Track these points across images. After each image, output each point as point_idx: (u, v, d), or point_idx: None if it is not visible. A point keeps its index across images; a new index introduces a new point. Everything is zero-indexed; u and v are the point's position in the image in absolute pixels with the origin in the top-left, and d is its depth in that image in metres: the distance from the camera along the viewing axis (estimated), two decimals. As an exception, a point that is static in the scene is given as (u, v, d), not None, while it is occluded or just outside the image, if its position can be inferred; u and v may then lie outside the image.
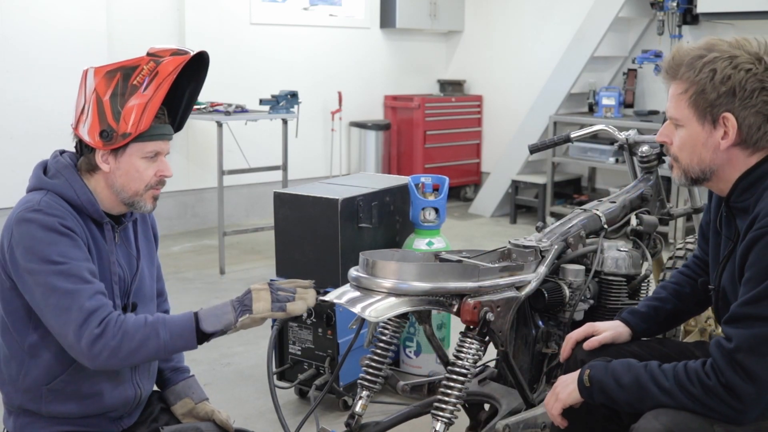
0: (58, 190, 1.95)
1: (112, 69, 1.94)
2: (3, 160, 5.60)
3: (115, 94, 1.92)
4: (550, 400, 1.94)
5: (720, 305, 1.93)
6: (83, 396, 1.98)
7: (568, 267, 2.50)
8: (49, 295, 1.83)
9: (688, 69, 1.78)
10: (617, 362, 1.85)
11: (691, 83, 1.77)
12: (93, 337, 1.82)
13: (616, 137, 3.13)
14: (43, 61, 5.65)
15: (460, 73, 8.25)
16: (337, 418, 3.25)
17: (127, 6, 6.09)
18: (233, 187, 6.45)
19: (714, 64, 1.75)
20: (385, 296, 2.06)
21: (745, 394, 1.67)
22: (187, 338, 1.92)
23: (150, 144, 1.96)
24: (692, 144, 1.82)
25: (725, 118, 1.75)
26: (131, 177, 1.97)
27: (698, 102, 1.77)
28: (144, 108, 1.91)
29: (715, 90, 1.74)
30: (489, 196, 7.46)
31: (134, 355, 1.87)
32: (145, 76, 1.92)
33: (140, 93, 1.91)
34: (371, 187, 3.54)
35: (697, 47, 1.80)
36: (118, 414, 2.08)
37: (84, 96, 1.96)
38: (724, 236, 1.91)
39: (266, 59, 6.89)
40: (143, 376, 2.12)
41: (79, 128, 1.97)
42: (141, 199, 2.00)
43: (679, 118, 1.82)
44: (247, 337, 4.24)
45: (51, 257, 1.84)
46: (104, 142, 1.92)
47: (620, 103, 6.72)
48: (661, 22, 6.33)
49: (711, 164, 1.82)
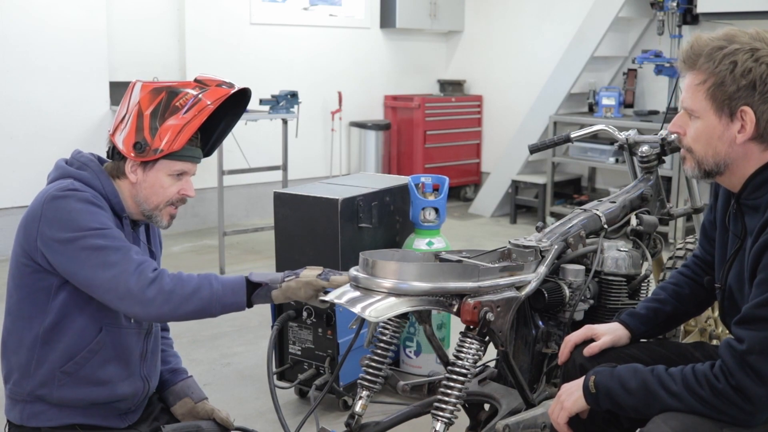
0: (84, 179, 2.01)
1: (158, 87, 2.04)
2: (3, 160, 5.60)
3: (156, 110, 2.01)
4: (555, 409, 1.92)
5: (726, 304, 1.92)
6: (95, 382, 2.01)
7: (568, 267, 2.50)
8: (95, 254, 1.90)
9: (707, 60, 1.74)
10: (623, 367, 1.83)
11: (710, 74, 1.74)
12: (148, 281, 1.90)
13: (616, 137, 3.13)
14: (43, 61, 5.65)
15: (460, 73, 8.25)
16: (337, 418, 3.25)
17: (127, 6, 6.09)
18: (233, 187, 6.45)
19: (735, 56, 1.71)
20: (385, 296, 2.06)
21: (756, 397, 1.66)
22: (238, 292, 1.98)
23: (179, 163, 2.07)
24: (708, 136, 1.79)
25: (743, 111, 1.73)
26: (155, 191, 2.06)
27: (716, 94, 1.74)
28: (180, 130, 2.00)
29: (735, 83, 1.71)
30: (489, 196, 7.46)
31: (187, 303, 1.92)
32: (188, 100, 2.02)
33: (180, 115, 2.01)
34: (371, 187, 3.54)
35: (716, 37, 1.77)
36: (127, 406, 2.11)
37: (127, 107, 2.05)
38: (732, 233, 1.90)
39: (266, 59, 6.89)
40: (150, 371, 2.17)
41: (115, 135, 2.05)
42: (159, 213, 2.09)
43: (695, 110, 1.79)
44: (247, 337, 4.24)
45: (91, 225, 1.92)
46: (136, 153, 2.01)
47: (620, 103, 6.72)
48: (661, 22, 6.32)
49: (726, 157, 1.79)
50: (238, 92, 2.13)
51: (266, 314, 4.16)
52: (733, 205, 1.89)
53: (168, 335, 2.42)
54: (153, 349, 2.19)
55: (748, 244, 1.80)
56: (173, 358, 2.37)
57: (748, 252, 1.77)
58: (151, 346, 2.17)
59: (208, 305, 1.95)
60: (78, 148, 2.12)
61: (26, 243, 1.95)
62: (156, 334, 2.21)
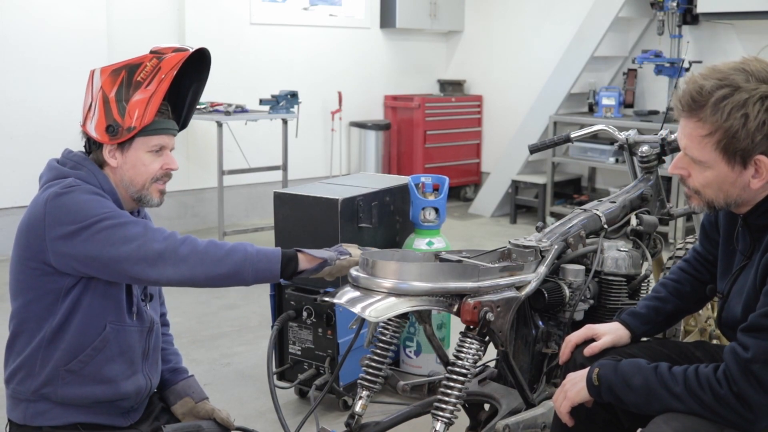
0: (82, 178, 2.00)
1: (117, 67, 2.03)
2: (3, 160, 5.60)
3: (120, 90, 2.01)
4: (559, 397, 1.93)
5: (724, 314, 1.92)
6: (99, 380, 2.02)
7: (568, 267, 2.50)
8: (114, 232, 1.90)
9: (713, 112, 1.67)
10: (626, 362, 1.84)
11: (718, 128, 1.67)
12: (179, 241, 1.93)
13: (616, 137, 3.13)
14: (43, 61, 5.65)
15: (460, 73, 8.25)
16: (337, 418, 3.25)
17: (127, 6, 6.09)
18: (233, 187, 6.46)
19: (745, 108, 1.64)
20: (385, 296, 2.06)
21: (757, 405, 1.65)
22: (273, 260, 2.00)
23: (154, 138, 2.05)
24: (719, 183, 1.75)
25: (759, 160, 1.69)
26: (138, 170, 2.05)
27: (728, 147, 1.68)
28: (147, 102, 1.99)
29: (749, 137, 1.65)
30: (489, 196, 7.47)
31: (221, 264, 1.94)
32: (149, 72, 2.00)
33: (144, 88, 2.00)
34: (371, 187, 3.54)
35: (715, 79, 1.69)
36: (129, 404, 2.11)
37: (91, 95, 2.04)
38: (739, 252, 1.89)
39: (266, 59, 6.89)
40: (152, 368, 2.17)
41: (86, 125, 2.05)
42: (148, 192, 2.08)
43: (704, 161, 1.73)
44: (247, 337, 4.24)
45: (103, 210, 1.93)
46: (110, 136, 2.01)
47: (620, 103, 6.72)
48: (661, 22, 6.32)
49: (737, 198, 1.77)
50: (200, 58, 2.11)
51: (266, 314, 4.16)
52: (740, 224, 1.88)
53: (168, 331, 2.41)
54: (155, 347, 2.19)
55: (756, 258, 1.78)
56: (174, 357, 2.37)
57: (757, 264, 1.76)
58: (153, 343, 2.17)
59: (242, 268, 1.96)
60: (68, 148, 2.11)
61: (33, 246, 1.94)
62: (157, 331, 2.20)
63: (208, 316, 4.59)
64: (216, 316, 4.60)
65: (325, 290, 2.99)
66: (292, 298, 3.29)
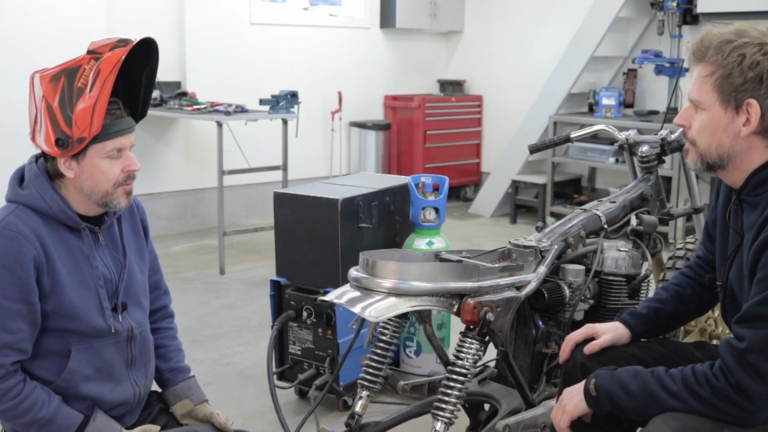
0: (28, 201, 1.93)
1: (55, 73, 1.91)
2: (3, 160, 5.59)
3: (63, 99, 1.89)
4: (558, 413, 1.92)
5: (728, 302, 1.93)
6: (82, 398, 1.98)
7: (568, 267, 2.50)
8: None
9: (716, 52, 1.76)
10: (623, 370, 1.84)
11: (718, 66, 1.75)
12: None
13: (616, 137, 3.13)
14: (43, 61, 5.63)
15: (460, 73, 8.25)
16: (337, 418, 3.25)
17: (127, 6, 6.09)
18: (233, 187, 6.45)
19: (743, 49, 1.73)
20: (385, 296, 2.06)
21: (756, 395, 1.66)
22: None
23: (109, 143, 1.93)
24: (713, 128, 1.79)
25: (749, 104, 1.74)
26: (97, 179, 1.94)
27: (723, 86, 1.75)
28: (93, 110, 1.87)
29: (742, 75, 1.72)
30: (489, 196, 7.47)
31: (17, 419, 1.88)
32: (89, 77, 1.88)
33: (86, 96, 1.87)
34: (371, 187, 3.54)
35: (727, 32, 1.78)
36: (120, 412, 2.07)
37: (35, 104, 1.93)
38: (732, 230, 1.90)
39: (266, 59, 6.89)
40: (140, 374, 2.11)
41: (36, 138, 1.94)
42: (112, 197, 1.97)
43: (701, 101, 1.80)
44: (247, 337, 4.24)
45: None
46: (62, 150, 1.89)
47: (620, 103, 6.72)
48: (661, 22, 6.33)
49: (729, 151, 1.80)
50: (146, 44, 1.99)
51: (266, 314, 4.16)
52: (734, 201, 1.89)
53: (171, 324, 2.32)
54: (141, 351, 2.11)
55: (747, 241, 1.80)
56: (175, 354, 2.28)
57: (748, 249, 1.77)
58: (138, 349, 2.10)
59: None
60: (34, 155, 2.02)
61: None
62: (142, 335, 2.11)
63: (208, 316, 4.59)
64: (216, 316, 4.60)
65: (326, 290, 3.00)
66: (292, 298, 3.29)
